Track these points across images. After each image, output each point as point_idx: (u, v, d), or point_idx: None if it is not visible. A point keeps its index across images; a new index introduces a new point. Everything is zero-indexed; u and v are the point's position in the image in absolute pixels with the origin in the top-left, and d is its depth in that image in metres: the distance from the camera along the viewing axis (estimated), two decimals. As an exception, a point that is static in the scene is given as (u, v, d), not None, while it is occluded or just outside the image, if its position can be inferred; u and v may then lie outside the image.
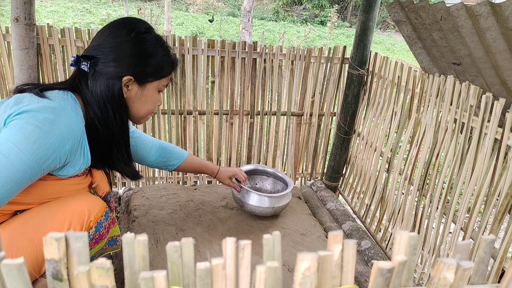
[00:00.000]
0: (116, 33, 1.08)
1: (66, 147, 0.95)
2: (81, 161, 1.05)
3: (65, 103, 0.99)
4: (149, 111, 1.19)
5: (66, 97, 1.02)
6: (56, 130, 0.92)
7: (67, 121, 0.95)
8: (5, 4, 9.20)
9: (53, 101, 0.97)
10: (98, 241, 1.13)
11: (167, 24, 8.43)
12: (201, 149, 2.28)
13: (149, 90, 1.14)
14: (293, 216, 1.95)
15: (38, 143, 0.89)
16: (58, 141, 0.92)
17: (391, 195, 1.94)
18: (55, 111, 0.94)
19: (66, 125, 0.95)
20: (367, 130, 2.18)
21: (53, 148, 0.92)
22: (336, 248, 0.41)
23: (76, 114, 0.99)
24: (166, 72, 1.16)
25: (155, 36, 1.13)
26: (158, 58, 1.12)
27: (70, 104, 1.00)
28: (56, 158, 0.94)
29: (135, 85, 1.10)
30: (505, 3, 1.15)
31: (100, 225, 1.13)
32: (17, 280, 0.36)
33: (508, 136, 1.35)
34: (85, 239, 0.39)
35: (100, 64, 1.05)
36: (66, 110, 0.96)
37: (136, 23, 1.11)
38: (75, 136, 0.97)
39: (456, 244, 0.43)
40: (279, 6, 13.49)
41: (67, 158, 0.98)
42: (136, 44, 1.08)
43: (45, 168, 0.93)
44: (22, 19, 1.74)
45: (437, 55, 1.67)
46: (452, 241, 1.58)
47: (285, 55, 2.15)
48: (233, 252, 0.41)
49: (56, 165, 0.97)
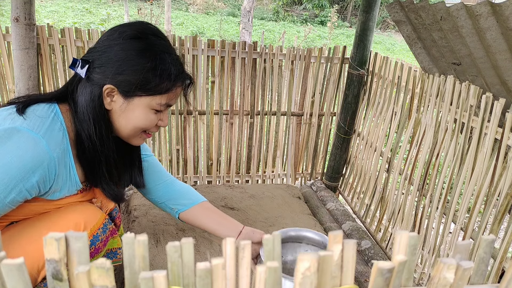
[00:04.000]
0: (109, 36, 0.97)
1: (33, 180, 0.86)
2: (68, 185, 0.98)
3: (39, 124, 0.89)
4: (139, 129, 1.02)
5: (46, 115, 0.92)
6: (17, 163, 0.83)
7: (33, 151, 0.85)
8: (5, 4, 9.20)
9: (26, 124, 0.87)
10: (93, 255, 1.07)
11: (167, 24, 8.43)
12: (201, 149, 2.28)
13: (137, 106, 0.97)
14: (293, 216, 1.95)
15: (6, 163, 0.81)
16: (19, 175, 0.83)
17: (391, 195, 1.94)
18: (20, 140, 0.84)
19: (32, 155, 0.85)
20: (367, 130, 2.18)
21: (13, 182, 0.83)
22: (336, 248, 0.41)
23: (49, 139, 0.89)
24: (158, 88, 0.97)
25: (155, 43, 0.97)
26: (148, 69, 0.95)
27: (45, 126, 0.90)
28: (22, 192, 0.86)
29: (120, 96, 0.96)
30: (505, 3, 1.15)
31: (96, 238, 1.07)
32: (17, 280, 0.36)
33: (508, 136, 1.35)
34: (85, 239, 0.39)
35: (92, 69, 0.95)
36: (36, 137, 0.86)
37: (135, 26, 0.98)
38: (44, 166, 0.88)
39: (456, 244, 0.43)
40: (279, 6, 13.49)
41: (40, 189, 0.91)
42: (122, 49, 0.94)
43: (11, 202, 0.86)
44: (22, 19, 1.74)
45: (437, 55, 1.67)
46: (452, 241, 1.57)
47: (285, 55, 2.15)
48: (233, 252, 0.41)
49: (27, 197, 0.89)
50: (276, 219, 1.90)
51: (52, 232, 0.98)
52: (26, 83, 1.86)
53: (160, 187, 1.28)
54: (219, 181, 2.38)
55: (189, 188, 1.31)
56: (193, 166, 2.28)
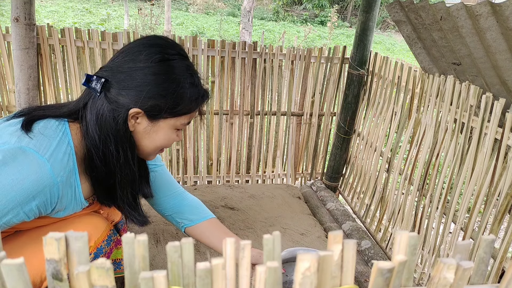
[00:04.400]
0: (133, 57, 0.92)
1: (32, 204, 0.83)
2: (73, 204, 0.95)
3: (45, 145, 0.85)
4: (159, 148, 1.00)
5: (53, 134, 0.88)
6: (17, 186, 0.80)
7: (36, 175, 0.82)
8: (5, 4, 9.20)
9: (32, 144, 0.83)
10: None
11: (167, 24, 8.43)
12: (201, 149, 2.28)
13: (162, 128, 0.96)
14: (293, 216, 1.95)
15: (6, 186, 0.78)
16: (18, 198, 0.80)
17: (391, 195, 1.94)
18: (24, 162, 0.81)
19: (33, 180, 0.81)
20: (367, 130, 2.18)
21: (10, 206, 0.80)
22: (336, 248, 0.41)
23: (54, 161, 0.85)
24: (186, 110, 0.96)
25: (178, 65, 0.94)
26: (176, 93, 0.93)
27: (52, 147, 0.86)
28: (19, 214, 0.82)
29: (145, 119, 0.93)
30: (505, 3, 1.15)
31: (100, 251, 1.05)
32: (17, 280, 0.36)
33: (508, 136, 1.35)
34: (85, 239, 0.39)
35: (112, 89, 0.91)
36: (41, 159, 0.83)
37: (160, 47, 0.93)
38: (46, 191, 0.84)
39: (456, 244, 0.43)
40: (279, 6, 13.49)
41: (41, 212, 0.87)
42: (152, 73, 0.91)
43: (7, 223, 0.82)
44: (22, 19, 1.74)
45: (437, 55, 1.67)
46: (452, 241, 1.58)
47: (285, 55, 2.16)
48: (233, 252, 0.41)
49: (25, 219, 0.85)
50: (276, 219, 1.90)
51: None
52: (26, 83, 1.86)
53: (168, 199, 1.25)
54: (219, 181, 2.38)
55: (198, 203, 1.28)
56: (193, 166, 2.28)
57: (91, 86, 0.91)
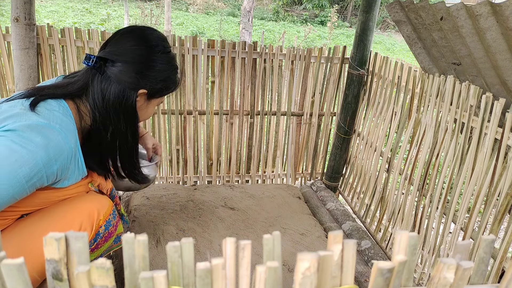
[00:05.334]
0: (140, 46, 1.05)
1: (54, 168, 0.92)
2: (76, 174, 1.03)
3: (54, 118, 0.95)
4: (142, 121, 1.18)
5: (57, 109, 0.98)
6: (41, 151, 0.88)
7: (55, 141, 0.91)
8: (5, 4, 9.20)
9: (42, 118, 0.93)
10: (107, 239, 1.16)
11: (167, 24, 8.42)
12: (201, 149, 2.28)
13: (152, 105, 1.14)
14: (293, 216, 1.95)
15: (20, 162, 0.85)
16: (43, 161, 0.89)
17: (391, 195, 1.94)
18: (42, 130, 0.90)
19: (54, 145, 0.91)
20: (367, 130, 2.18)
21: (37, 168, 0.88)
22: (336, 248, 0.41)
23: (66, 131, 0.95)
24: (171, 91, 1.16)
25: (172, 56, 1.13)
26: (170, 78, 1.12)
27: (59, 119, 0.96)
28: (43, 177, 0.91)
29: (144, 98, 1.09)
30: (505, 3, 1.15)
31: (109, 223, 1.15)
32: (17, 280, 0.36)
33: (508, 136, 1.35)
34: (85, 239, 0.39)
35: (116, 70, 1.02)
36: (55, 129, 0.93)
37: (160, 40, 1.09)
38: (64, 156, 0.94)
39: (456, 244, 0.43)
40: (279, 6, 13.48)
41: (57, 177, 0.96)
42: (161, 62, 1.07)
43: (30, 187, 0.89)
44: (22, 19, 1.74)
45: (437, 55, 1.67)
46: (452, 241, 1.58)
47: (285, 55, 2.15)
48: (233, 252, 0.41)
49: (44, 183, 0.94)
50: (276, 219, 1.90)
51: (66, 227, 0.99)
52: (26, 83, 1.86)
53: None
54: (219, 181, 2.38)
55: None
56: (193, 166, 2.28)
57: (95, 66, 1.02)
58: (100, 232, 1.11)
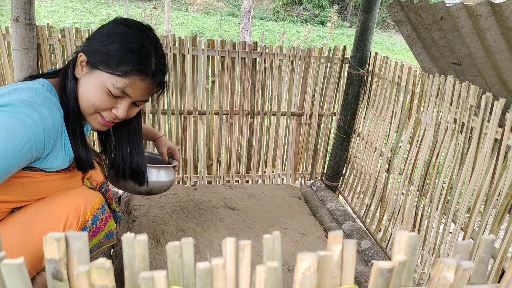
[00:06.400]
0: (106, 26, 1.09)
1: (41, 137, 0.94)
2: (63, 153, 1.04)
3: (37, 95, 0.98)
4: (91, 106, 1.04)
5: (41, 86, 1.02)
6: (29, 120, 0.91)
7: (42, 113, 0.94)
8: (5, 4, 9.20)
9: (27, 92, 0.96)
10: (95, 234, 1.14)
11: (167, 24, 8.42)
12: (201, 149, 2.28)
13: (95, 78, 1.02)
14: (293, 216, 1.95)
15: (11, 131, 0.88)
16: (31, 130, 0.91)
17: (391, 195, 1.94)
18: (29, 103, 0.94)
19: (40, 115, 0.94)
20: (367, 130, 2.18)
21: (27, 137, 0.91)
22: (336, 248, 0.41)
23: (49, 103, 0.98)
24: (120, 69, 1.00)
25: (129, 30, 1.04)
26: (110, 44, 1.02)
27: (43, 96, 0.99)
28: (32, 147, 0.93)
29: (87, 67, 1.03)
30: (505, 3, 1.15)
31: (97, 217, 1.13)
32: (17, 280, 0.36)
33: (508, 136, 1.35)
34: (85, 239, 0.39)
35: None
36: (45, 103, 0.97)
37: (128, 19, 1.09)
38: (50, 126, 0.96)
39: (456, 244, 0.43)
40: (279, 6, 13.48)
41: (45, 149, 0.98)
42: (107, 28, 1.06)
43: (22, 157, 0.92)
44: (22, 19, 1.74)
45: (437, 55, 1.67)
46: (452, 241, 1.58)
47: (285, 55, 2.15)
48: (233, 252, 0.41)
49: (33, 155, 0.95)
50: (276, 219, 1.90)
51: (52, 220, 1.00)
52: (26, 83, 1.86)
53: None
54: (219, 181, 2.38)
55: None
56: (193, 166, 2.28)
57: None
58: (87, 226, 1.10)
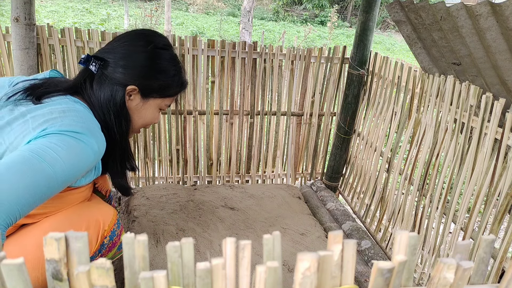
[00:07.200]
0: (132, 42, 1.06)
1: (94, 163, 0.94)
2: (93, 173, 1.04)
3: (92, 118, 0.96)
4: (143, 126, 1.15)
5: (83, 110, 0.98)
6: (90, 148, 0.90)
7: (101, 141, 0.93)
8: (5, 4, 9.20)
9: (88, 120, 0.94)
10: (111, 249, 1.15)
11: (167, 24, 8.42)
12: (201, 149, 2.28)
13: (150, 105, 1.11)
14: (293, 216, 1.95)
15: (78, 158, 0.87)
16: (93, 158, 0.91)
17: (391, 195, 1.93)
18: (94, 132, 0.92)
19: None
20: (367, 130, 2.18)
21: (87, 164, 0.90)
22: (336, 248, 0.41)
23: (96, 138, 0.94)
24: (172, 92, 1.13)
25: (171, 54, 1.11)
26: (168, 77, 1.09)
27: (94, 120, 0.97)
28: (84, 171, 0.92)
29: (138, 96, 1.07)
30: (505, 3, 1.15)
31: (114, 233, 1.15)
32: (17, 280, 0.36)
33: (508, 136, 1.35)
34: (85, 239, 0.39)
35: (109, 68, 1.03)
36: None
37: (155, 37, 1.09)
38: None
39: (456, 244, 0.43)
40: (279, 6, 13.48)
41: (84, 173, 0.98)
42: (149, 57, 1.06)
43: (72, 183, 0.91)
44: (22, 19, 1.74)
45: (437, 55, 1.67)
46: (452, 241, 1.57)
47: (285, 55, 2.15)
48: (233, 252, 0.41)
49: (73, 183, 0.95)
50: (276, 219, 1.90)
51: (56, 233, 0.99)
52: (26, 83, 1.85)
53: None
54: (219, 181, 2.38)
55: None
56: (193, 166, 2.28)
57: (89, 65, 1.02)
58: (105, 242, 1.11)
